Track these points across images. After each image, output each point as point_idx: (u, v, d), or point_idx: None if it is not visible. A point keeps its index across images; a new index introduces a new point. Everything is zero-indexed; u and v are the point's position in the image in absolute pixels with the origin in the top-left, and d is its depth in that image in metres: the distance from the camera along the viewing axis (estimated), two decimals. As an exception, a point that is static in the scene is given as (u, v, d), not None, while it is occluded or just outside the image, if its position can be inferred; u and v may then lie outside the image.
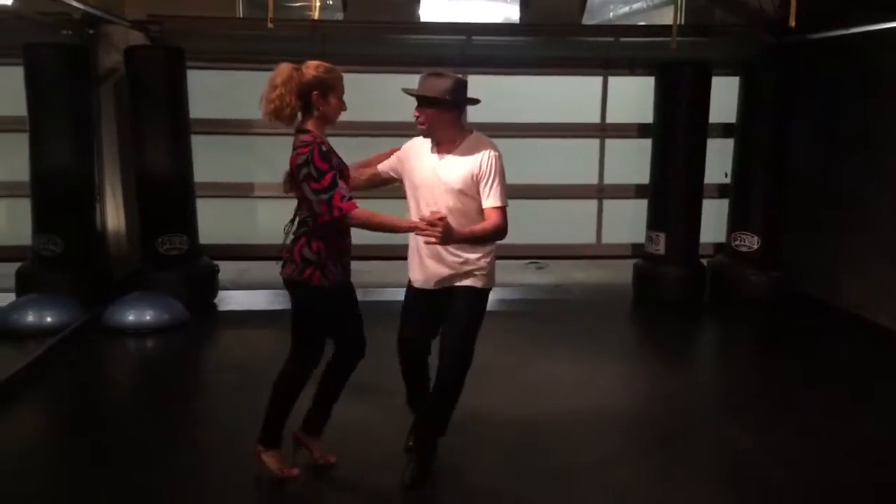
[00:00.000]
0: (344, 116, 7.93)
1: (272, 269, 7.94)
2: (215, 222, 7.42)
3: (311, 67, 3.55)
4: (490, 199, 3.59)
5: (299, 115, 3.55)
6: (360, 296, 7.83)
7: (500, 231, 3.61)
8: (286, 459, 3.84)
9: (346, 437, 4.28)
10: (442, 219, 3.34)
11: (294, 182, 3.58)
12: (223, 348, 6.27)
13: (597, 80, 7.83)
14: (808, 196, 7.50)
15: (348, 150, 8.17)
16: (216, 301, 7.15)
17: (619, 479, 3.92)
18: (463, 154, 3.66)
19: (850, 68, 6.96)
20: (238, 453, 4.14)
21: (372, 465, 4.02)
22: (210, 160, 7.35)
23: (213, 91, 7.47)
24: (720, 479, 4.04)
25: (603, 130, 7.90)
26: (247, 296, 7.49)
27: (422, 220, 3.42)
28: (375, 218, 3.60)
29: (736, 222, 7.38)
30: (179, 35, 6.94)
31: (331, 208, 3.46)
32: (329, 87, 3.56)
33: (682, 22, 7.37)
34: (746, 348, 6.51)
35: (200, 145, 7.14)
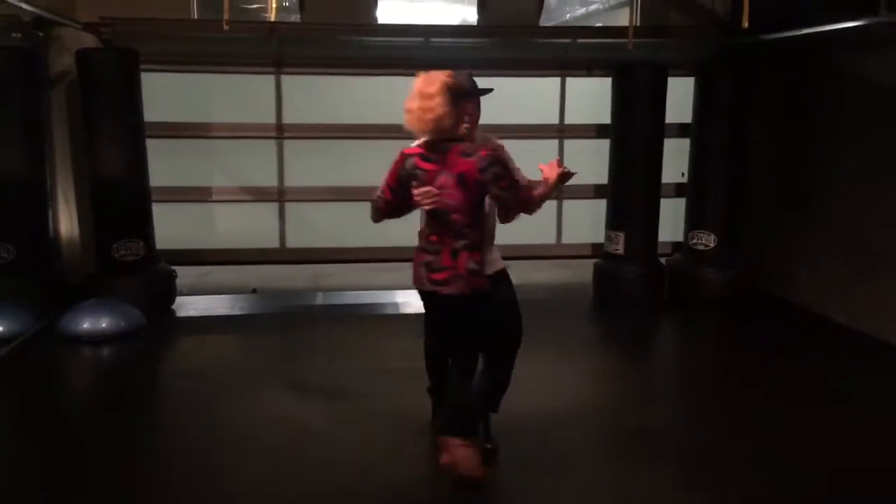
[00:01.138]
0: (306, 119, 7.87)
1: (232, 273, 7.98)
2: (172, 227, 7.31)
3: (451, 76, 3.48)
4: None
5: None
6: (321, 299, 7.82)
7: None
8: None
9: (308, 445, 4.26)
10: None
11: (467, 188, 3.46)
12: (182, 355, 6.17)
13: (555, 81, 7.88)
14: (765, 195, 7.62)
15: (312, 153, 8.17)
16: (174, 307, 7.04)
17: (581, 475, 3.95)
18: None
19: (803, 69, 7.09)
20: (198, 460, 4.09)
21: (341, 472, 3.98)
22: (166, 164, 7.23)
23: (168, 94, 7.37)
24: (682, 473, 4.07)
25: (561, 131, 7.95)
26: (206, 301, 7.39)
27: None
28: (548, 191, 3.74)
29: (693, 221, 7.47)
30: (132, 37, 6.83)
31: (528, 200, 3.59)
32: (475, 95, 3.63)
33: (638, 23, 7.44)
34: (705, 345, 6.59)
35: (156, 149, 7.03)
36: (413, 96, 3.43)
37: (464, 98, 3.49)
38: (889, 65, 6.06)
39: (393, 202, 3.66)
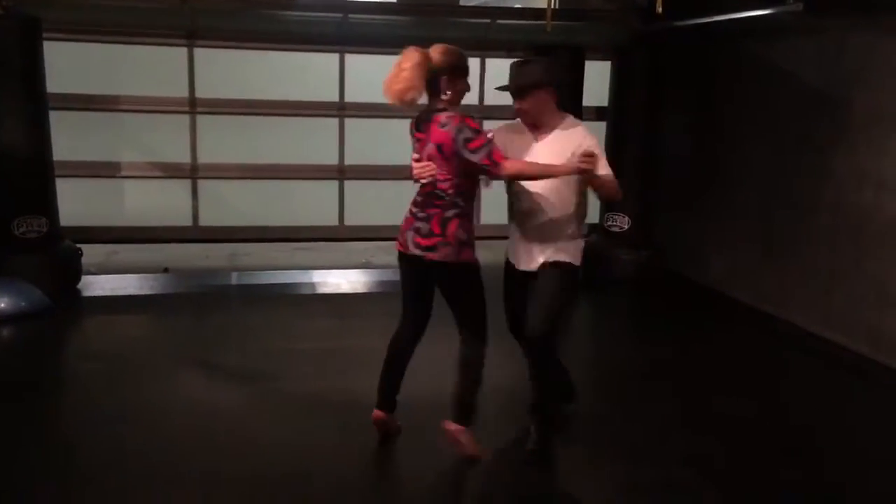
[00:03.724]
0: (220, 93, 7.66)
1: (142, 252, 7.75)
2: (79, 203, 7.04)
3: (439, 52, 3.67)
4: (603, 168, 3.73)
5: (423, 97, 3.64)
6: (236, 279, 7.66)
7: (619, 189, 3.87)
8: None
9: (219, 428, 4.18)
10: (591, 154, 3.55)
11: (447, 158, 3.59)
12: (88, 336, 5.96)
13: (474, 62, 7.86)
14: (678, 178, 7.81)
15: (227, 129, 7.96)
16: (80, 286, 6.79)
17: (492, 453, 3.98)
18: (562, 134, 3.80)
19: (716, 55, 7.28)
20: (105, 444, 3.96)
21: (252, 455, 3.91)
22: (72, 138, 6.97)
23: (74, 64, 7.07)
24: (589, 451, 4.14)
25: (480, 112, 7.95)
26: (114, 280, 7.15)
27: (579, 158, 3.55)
28: (533, 167, 3.69)
29: (608, 203, 7.59)
30: (35, 4, 6.49)
31: (493, 161, 3.55)
32: (460, 70, 3.70)
33: (557, 6, 7.49)
34: (616, 325, 6.73)
35: (61, 122, 6.74)
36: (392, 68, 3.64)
37: (447, 74, 3.66)
38: (796, 53, 6.27)
39: None
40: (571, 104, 7.29)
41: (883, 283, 5.40)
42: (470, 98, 7.78)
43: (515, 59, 3.94)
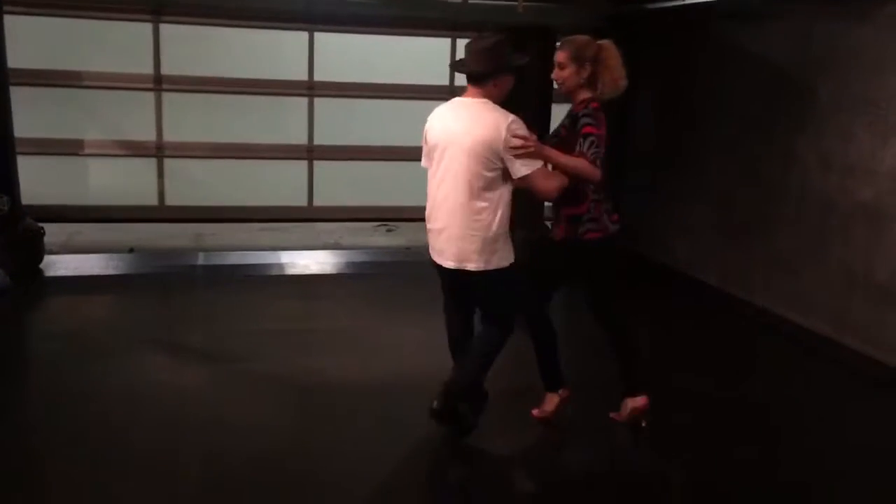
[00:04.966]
0: (186, 70, 7.47)
1: (107, 232, 7.64)
2: (42, 181, 6.92)
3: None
4: None
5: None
6: (202, 260, 7.56)
7: None
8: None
9: (184, 409, 4.14)
10: None
11: None
12: (51, 316, 5.86)
13: (445, 42, 7.82)
14: (647, 161, 7.85)
15: (193, 107, 7.81)
16: (42, 266, 6.67)
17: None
18: None
19: (685, 38, 7.30)
20: (67, 426, 3.91)
21: (217, 436, 3.88)
22: (34, 114, 6.83)
23: (36, 39, 6.92)
24: (562, 430, 4.18)
25: (451, 93, 7.88)
26: (78, 260, 7.03)
27: None
28: None
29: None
30: (-5, -24, 6.35)
31: None
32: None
33: (529, -14, 7.45)
34: (581, 306, 6.74)
35: (23, 98, 6.59)
36: None
37: None
38: (762, 36, 6.30)
39: None
40: (540, 88, 7.29)
41: (847, 267, 5.47)
42: (440, 79, 7.84)
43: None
